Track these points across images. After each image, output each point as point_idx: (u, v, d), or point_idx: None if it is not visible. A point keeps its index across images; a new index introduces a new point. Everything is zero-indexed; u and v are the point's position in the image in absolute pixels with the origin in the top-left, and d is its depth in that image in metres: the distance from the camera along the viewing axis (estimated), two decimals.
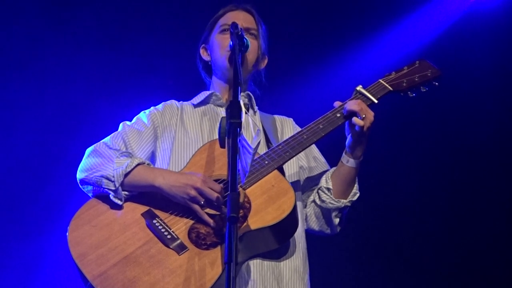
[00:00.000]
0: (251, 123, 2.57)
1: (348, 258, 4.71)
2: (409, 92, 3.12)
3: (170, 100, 3.22)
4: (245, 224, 2.62)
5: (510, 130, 4.73)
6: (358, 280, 4.70)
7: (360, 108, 2.88)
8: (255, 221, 2.63)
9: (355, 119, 2.87)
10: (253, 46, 3.13)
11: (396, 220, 4.77)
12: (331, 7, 4.70)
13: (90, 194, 2.83)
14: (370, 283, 4.73)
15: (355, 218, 3.21)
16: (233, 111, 2.37)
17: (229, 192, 2.20)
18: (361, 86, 3.04)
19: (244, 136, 2.39)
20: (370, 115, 2.89)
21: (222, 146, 2.44)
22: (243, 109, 2.38)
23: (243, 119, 2.36)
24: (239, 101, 2.40)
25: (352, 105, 2.90)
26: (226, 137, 2.39)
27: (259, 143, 2.37)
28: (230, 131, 2.34)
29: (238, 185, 2.68)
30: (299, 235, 2.93)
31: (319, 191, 3.05)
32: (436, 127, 4.79)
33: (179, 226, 2.67)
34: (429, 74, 3.13)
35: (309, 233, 3.11)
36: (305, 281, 2.92)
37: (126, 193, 2.76)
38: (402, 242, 4.75)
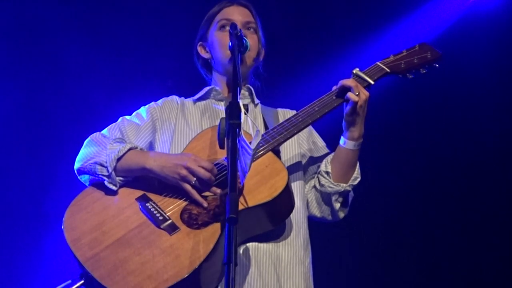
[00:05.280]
0: (251, 124, 2.55)
1: (352, 247, 4.67)
2: (407, 74, 3.07)
3: (171, 96, 3.23)
4: None
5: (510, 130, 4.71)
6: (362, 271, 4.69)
7: (354, 84, 2.85)
8: (247, 200, 2.59)
9: (349, 94, 2.84)
10: (254, 41, 3.11)
11: (399, 208, 4.75)
12: (334, 1, 4.71)
13: (87, 184, 2.85)
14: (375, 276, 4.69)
15: (359, 206, 3.15)
16: (233, 112, 2.36)
17: (228, 193, 2.16)
18: (357, 69, 3.01)
19: (243, 137, 2.38)
20: (364, 94, 2.85)
21: (222, 147, 2.43)
22: (243, 110, 2.38)
23: (242, 120, 2.36)
24: (238, 102, 2.39)
25: (346, 81, 2.88)
26: (225, 138, 2.38)
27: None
28: (229, 132, 2.33)
29: None
30: (300, 221, 2.88)
31: (319, 175, 3.00)
32: (437, 126, 4.76)
33: (172, 208, 2.66)
34: (428, 56, 3.08)
35: (312, 220, 3.05)
36: (306, 265, 2.86)
37: (121, 178, 2.77)
38: (405, 229, 4.73)
